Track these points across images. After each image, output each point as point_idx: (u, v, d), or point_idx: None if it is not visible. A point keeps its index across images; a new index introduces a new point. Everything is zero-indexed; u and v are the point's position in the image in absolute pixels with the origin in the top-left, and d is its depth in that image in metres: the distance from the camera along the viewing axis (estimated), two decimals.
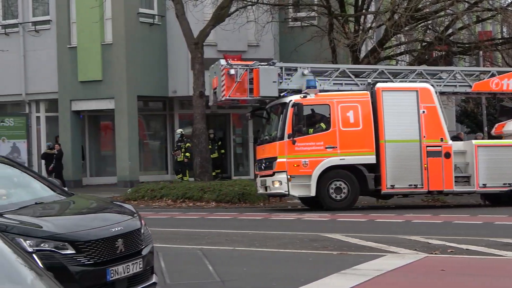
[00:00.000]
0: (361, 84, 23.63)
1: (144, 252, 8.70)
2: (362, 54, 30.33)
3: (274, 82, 23.19)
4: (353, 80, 23.74)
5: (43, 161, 34.81)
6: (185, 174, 32.17)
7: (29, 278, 5.05)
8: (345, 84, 23.75)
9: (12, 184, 9.63)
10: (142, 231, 8.84)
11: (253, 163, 32.43)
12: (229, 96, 23.41)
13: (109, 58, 34.50)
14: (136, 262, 8.51)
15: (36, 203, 8.97)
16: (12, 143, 32.21)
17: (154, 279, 9.03)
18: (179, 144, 32.81)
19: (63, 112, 35.64)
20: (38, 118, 37.25)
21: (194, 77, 29.56)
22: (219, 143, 35.38)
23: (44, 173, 32.31)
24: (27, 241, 7.83)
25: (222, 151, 35.69)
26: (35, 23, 36.62)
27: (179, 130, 33.66)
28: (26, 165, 25.10)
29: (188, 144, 32.39)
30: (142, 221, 9.01)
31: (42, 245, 7.86)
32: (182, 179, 31.64)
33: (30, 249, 7.69)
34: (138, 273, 8.55)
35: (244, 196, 25.48)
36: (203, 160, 29.15)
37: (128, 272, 8.37)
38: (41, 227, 8.02)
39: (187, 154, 32.19)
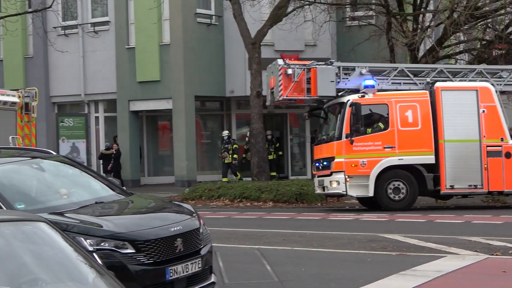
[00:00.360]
0: (419, 83, 23.40)
1: (203, 252, 8.72)
2: (421, 53, 30.05)
3: (331, 81, 23.11)
4: (412, 80, 23.52)
5: (100, 161, 35.16)
6: (236, 174, 32.18)
7: (90, 276, 5.10)
8: (404, 83, 23.54)
9: (72, 184, 9.74)
10: (201, 230, 8.86)
11: (311, 163, 32.33)
12: (286, 96, 23.39)
13: (167, 59, 34.72)
14: (195, 262, 8.53)
15: (96, 203, 9.06)
16: (72, 143, 32.55)
17: (212, 278, 9.05)
18: (226, 146, 32.76)
19: (121, 112, 35.99)
20: (96, 118, 37.68)
21: (251, 77, 29.62)
22: (277, 144, 35.14)
23: (102, 173, 32.62)
24: (88, 240, 7.91)
25: (280, 152, 35.46)
26: (94, 24, 37.02)
27: (225, 132, 33.63)
28: (85, 164, 25.37)
29: (235, 146, 32.49)
30: (201, 220, 9.04)
31: (102, 244, 7.94)
32: (240, 178, 31.69)
33: (90, 248, 7.77)
34: (197, 272, 8.58)
35: (302, 196, 25.43)
36: (261, 160, 29.18)
37: (187, 272, 8.41)
38: (102, 226, 8.10)
39: (235, 156, 32.23)
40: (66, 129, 32.46)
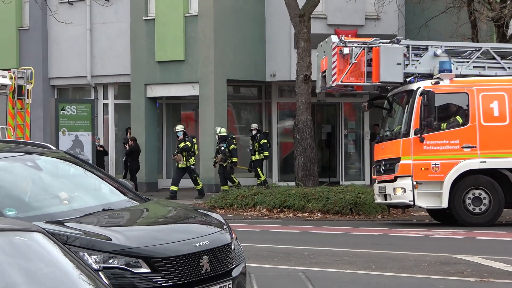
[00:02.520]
0: (508, 67, 23.30)
1: (234, 273, 8.74)
2: (510, 31, 29.88)
3: (398, 64, 23.05)
4: (499, 63, 23.43)
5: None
6: (233, 181, 31.94)
7: None
8: (488, 67, 23.46)
9: (75, 186, 9.80)
10: (233, 246, 8.89)
11: (370, 165, 32.26)
12: (341, 81, 23.36)
13: (194, 34, 34.82)
14: (225, 285, 8.55)
15: (103, 210, 9.11)
16: (74, 135, 32.74)
17: None
18: (221, 145, 32.19)
19: (136, 99, 36.16)
20: (105, 105, 37.91)
21: (298, 57, 29.61)
22: (262, 141, 33.46)
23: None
24: (93, 256, 7.95)
25: (266, 153, 33.86)
26: None
27: (222, 129, 32.76)
28: (90, 162, 25.55)
29: (232, 146, 32.03)
30: (233, 234, 9.05)
31: (110, 261, 7.98)
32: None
33: (96, 266, 7.82)
34: None
35: (358, 206, 25.39)
36: (307, 161, 29.10)
37: None
38: (110, 239, 8.13)
39: (234, 159, 32.09)
40: (67, 119, 32.67)
